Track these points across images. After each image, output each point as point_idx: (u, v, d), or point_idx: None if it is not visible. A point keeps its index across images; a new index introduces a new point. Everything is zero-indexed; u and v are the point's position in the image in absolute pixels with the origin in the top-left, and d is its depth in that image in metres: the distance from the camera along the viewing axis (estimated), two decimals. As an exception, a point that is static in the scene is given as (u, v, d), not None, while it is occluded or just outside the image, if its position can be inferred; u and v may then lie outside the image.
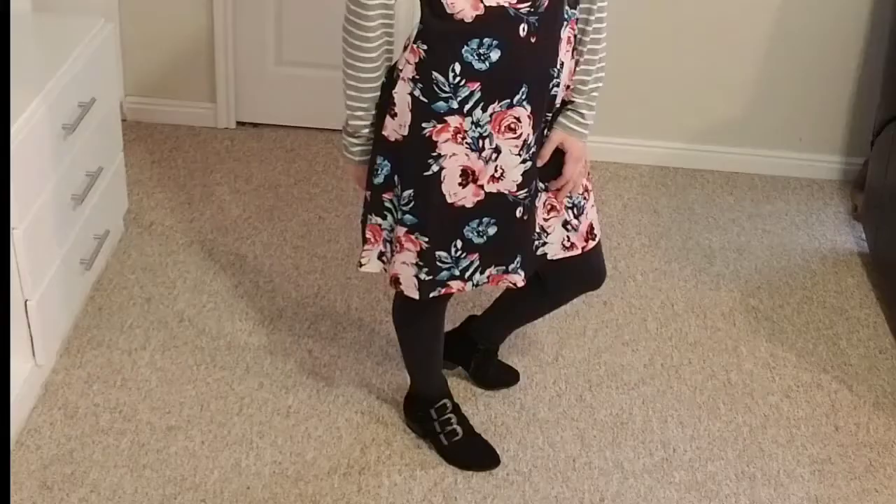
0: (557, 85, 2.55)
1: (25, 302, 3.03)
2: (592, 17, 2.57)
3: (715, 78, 4.52)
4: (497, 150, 2.51)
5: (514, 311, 3.17)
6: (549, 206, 2.72)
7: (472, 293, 3.64)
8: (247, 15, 4.47)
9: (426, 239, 2.59)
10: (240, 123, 4.70)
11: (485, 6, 2.34)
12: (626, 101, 4.50)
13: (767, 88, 4.54)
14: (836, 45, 4.44)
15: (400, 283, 2.70)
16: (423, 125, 2.47)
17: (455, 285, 2.70)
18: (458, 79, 2.41)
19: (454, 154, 2.50)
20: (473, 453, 3.12)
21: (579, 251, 2.79)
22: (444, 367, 3.21)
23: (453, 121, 2.46)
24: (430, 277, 2.65)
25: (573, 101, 2.63)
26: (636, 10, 4.30)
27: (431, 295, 2.70)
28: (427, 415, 3.12)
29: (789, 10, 4.37)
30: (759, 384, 3.49)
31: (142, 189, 4.19)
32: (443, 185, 2.53)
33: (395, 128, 2.52)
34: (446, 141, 2.49)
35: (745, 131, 4.63)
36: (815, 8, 4.36)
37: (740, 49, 4.46)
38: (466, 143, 2.49)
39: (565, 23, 2.49)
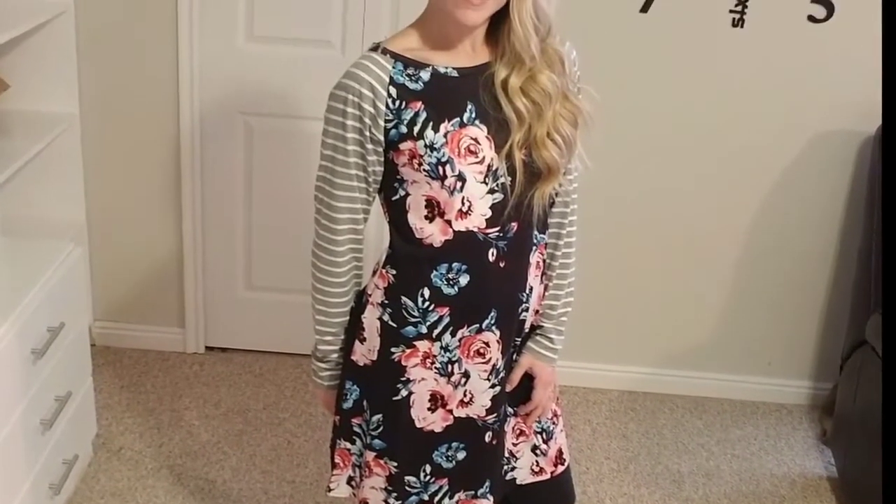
0: (526, 309, 2.57)
1: (-8, 527, 3.00)
2: (561, 242, 2.61)
3: (683, 303, 4.56)
4: (466, 375, 2.51)
5: (484, 536, 3.13)
6: (518, 431, 2.71)
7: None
8: (216, 240, 4.52)
9: (395, 464, 2.57)
10: (209, 348, 4.70)
11: (454, 231, 2.36)
12: (596, 326, 4.53)
13: (736, 314, 4.58)
14: (804, 271, 4.50)
15: (369, 508, 2.67)
16: (392, 350, 2.48)
17: (424, 510, 2.67)
18: (427, 303, 2.43)
19: (423, 379, 2.50)
20: None
21: (548, 476, 2.77)
22: None
23: (422, 345, 2.47)
24: (399, 502, 2.62)
25: (542, 326, 2.65)
26: (605, 236, 4.35)
27: (400, 520, 2.67)
28: None
29: (758, 236, 4.43)
30: None
31: (111, 414, 4.17)
32: (412, 410, 2.52)
33: (364, 352, 2.52)
34: (415, 366, 2.49)
35: (714, 356, 4.66)
36: (783, 234, 4.43)
37: (709, 274, 4.52)
38: (435, 367, 2.49)
39: (534, 247, 2.52)
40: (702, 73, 4.19)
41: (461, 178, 2.31)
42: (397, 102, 2.30)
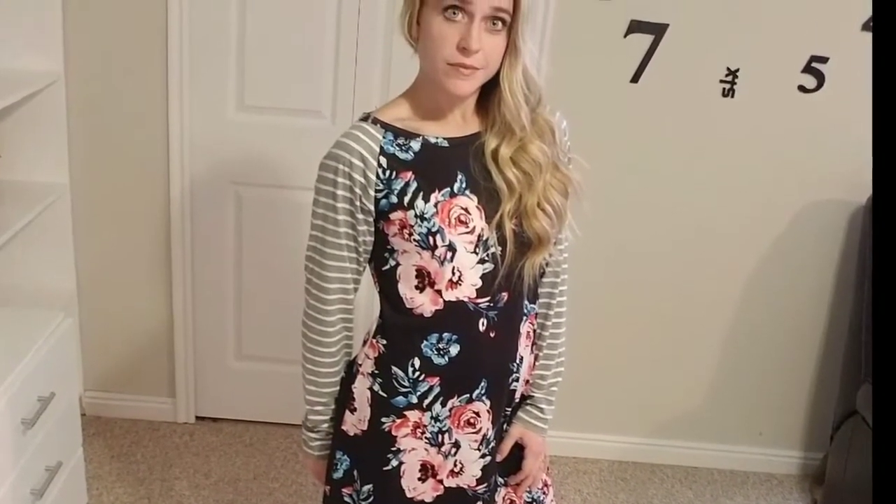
0: (517, 379, 2.56)
1: None
2: (552, 312, 2.60)
3: (674, 373, 4.56)
4: (456, 445, 2.50)
5: None
6: (508, 501, 2.70)
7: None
8: (206, 310, 4.51)
9: (386, 534, 2.56)
10: (199, 418, 4.68)
11: (444, 301, 2.36)
12: (586, 396, 4.52)
13: (727, 383, 4.57)
14: (795, 341, 4.50)
15: (359, 579, 2.65)
16: (383, 420, 2.47)
17: (414, 580, 2.65)
18: (417, 373, 2.42)
19: (413, 449, 2.49)
20: None
21: (539, 546, 2.76)
22: None
23: (413, 415, 2.46)
24: (390, 573, 2.61)
25: (532, 396, 2.64)
26: (595, 306, 4.35)
27: (390, 589, 2.65)
28: None
29: (748, 305, 4.44)
30: None
31: (101, 484, 4.14)
32: (402, 480, 2.51)
33: (355, 422, 2.51)
34: (406, 435, 2.48)
35: (705, 426, 4.65)
36: (774, 305, 4.43)
37: (699, 344, 4.51)
38: (426, 437, 2.48)
39: (525, 317, 2.52)
40: (692, 142, 4.21)
41: (451, 248, 2.31)
42: (388, 172, 2.30)
